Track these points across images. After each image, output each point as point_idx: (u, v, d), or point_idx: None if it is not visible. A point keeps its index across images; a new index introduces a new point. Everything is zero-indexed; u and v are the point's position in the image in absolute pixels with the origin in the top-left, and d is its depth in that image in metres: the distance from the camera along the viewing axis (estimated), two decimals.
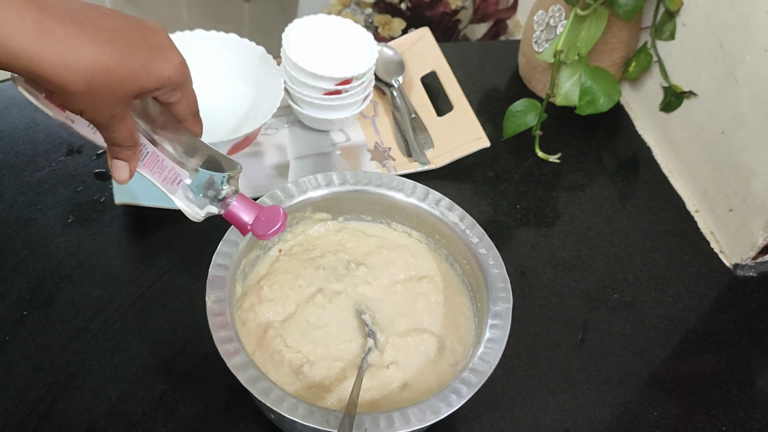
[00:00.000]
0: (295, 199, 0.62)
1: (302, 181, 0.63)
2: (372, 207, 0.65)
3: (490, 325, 0.55)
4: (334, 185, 0.63)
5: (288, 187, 0.62)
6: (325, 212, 0.65)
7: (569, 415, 0.63)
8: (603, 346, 0.69)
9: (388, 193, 0.63)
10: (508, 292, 0.57)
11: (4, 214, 0.70)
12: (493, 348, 0.53)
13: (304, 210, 0.64)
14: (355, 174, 0.64)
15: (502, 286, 0.57)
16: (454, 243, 0.62)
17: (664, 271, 0.76)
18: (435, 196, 0.63)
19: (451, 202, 0.63)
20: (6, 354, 0.60)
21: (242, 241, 0.58)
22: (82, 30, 0.40)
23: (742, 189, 0.76)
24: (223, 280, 0.55)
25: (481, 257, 0.59)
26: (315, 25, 0.82)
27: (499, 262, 0.59)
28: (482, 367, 0.52)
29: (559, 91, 0.82)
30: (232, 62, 0.80)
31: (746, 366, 0.70)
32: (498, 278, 0.58)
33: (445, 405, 0.50)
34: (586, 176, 0.85)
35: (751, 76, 0.73)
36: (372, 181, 0.64)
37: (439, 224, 0.62)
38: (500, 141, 0.86)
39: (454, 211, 0.62)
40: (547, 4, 0.86)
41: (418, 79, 0.89)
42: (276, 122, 0.83)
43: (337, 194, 0.63)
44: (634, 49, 0.90)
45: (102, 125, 0.45)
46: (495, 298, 0.56)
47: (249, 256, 0.61)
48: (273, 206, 0.50)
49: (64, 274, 0.66)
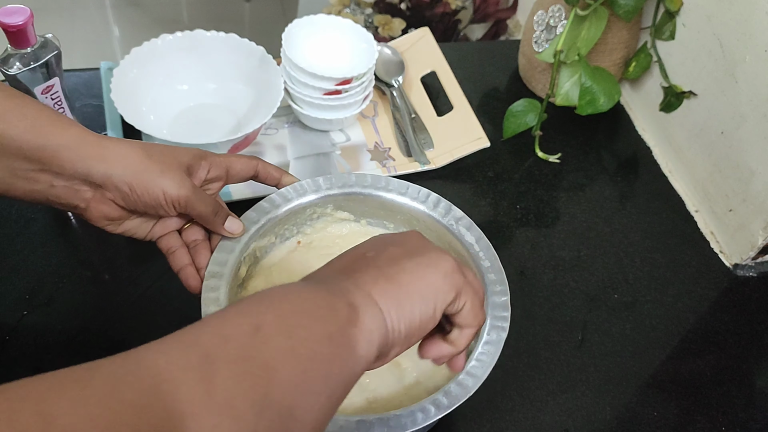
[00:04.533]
0: (307, 197, 0.62)
1: (310, 181, 0.62)
2: (394, 215, 0.65)
3: (479, 352, 0.54)
4: (354, 186, 0.63)
5: (303, 185, 0.62)
6: (347, 212, 0.65)
7: (569, 415, 0.63)
8: (603, 346, 0.69)
9: (410, 203, 0.63)
10: (506, 321, 0.55)
11: (5, 213, 0.70)
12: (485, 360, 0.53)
13: (325, 206, 0.63)
14: (378, 179, 0.63)
15: (503, 315, 0.56)
16: (466, 263, 0.61)
17: (664, 271, 0.76)
18: (456, 214, 0.62)
19: (471, 222, 0.61)
20: (6, 354, 0.60)
21: (253, 227, 0.58)
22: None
23: (742, 189, 0.76)
24: (225, 257, 0.55)
25: (488, 284, 0.58)
26: (315, 25, 0.82)
27: (505, 290, 0.57)
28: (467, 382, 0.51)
29: (559, 91, 0.82)
30: (232, 62, 0.80)
31: (746, 366, 0.70)
32: (500, 306, 0.57)
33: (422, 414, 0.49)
34: (586, 176, 0.85)
35: (751, 76, 0.73)
36: (395, 188, 0.63)
37: (455, 242, 0.61)
38: (500, 141, 0.86)
39: (472, 231, 0.61)
40: (547, 4, 0.86)
41: (418, 79, 0.89)
42: (276, 122, 0.83)
43: (357, 195, 0.63)
44: (634, 49, 0.90)
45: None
46: (492, 326, 0.55)
47: (261, 241, 0.60)
48: None
49: (64, 274, 0.66)
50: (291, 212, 0.61)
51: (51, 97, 0.67)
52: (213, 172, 0.56)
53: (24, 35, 0.62)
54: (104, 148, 0.50)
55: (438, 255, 0.43)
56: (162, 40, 0.78)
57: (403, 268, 0.41)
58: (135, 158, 0.50)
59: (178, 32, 0.78)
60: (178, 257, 0.56)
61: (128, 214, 0.54)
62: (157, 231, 0.57)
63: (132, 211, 0.53)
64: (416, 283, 0.41)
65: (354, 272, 0.41)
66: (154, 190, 0.51)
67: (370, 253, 0.43)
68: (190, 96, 0.81)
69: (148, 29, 2.07)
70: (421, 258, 0.43)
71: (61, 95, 0.68)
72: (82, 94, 0.82)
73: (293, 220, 0.62)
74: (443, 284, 0.42)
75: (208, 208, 0.54)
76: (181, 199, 0.52)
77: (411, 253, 0.43)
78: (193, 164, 0.54)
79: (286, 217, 0.61)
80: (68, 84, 0.72)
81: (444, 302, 0.42)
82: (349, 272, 0.41)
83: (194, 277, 0.55)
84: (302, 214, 0.63)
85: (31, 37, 0.63)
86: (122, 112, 0.70)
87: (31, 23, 0.62)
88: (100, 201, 0.52)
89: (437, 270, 0.42)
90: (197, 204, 0.53)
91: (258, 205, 0.60)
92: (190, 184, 0.53)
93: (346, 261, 0.43)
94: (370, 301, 0.39)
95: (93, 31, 2.09)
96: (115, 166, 0.50)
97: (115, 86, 0.72)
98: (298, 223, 0.63)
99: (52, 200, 0.51)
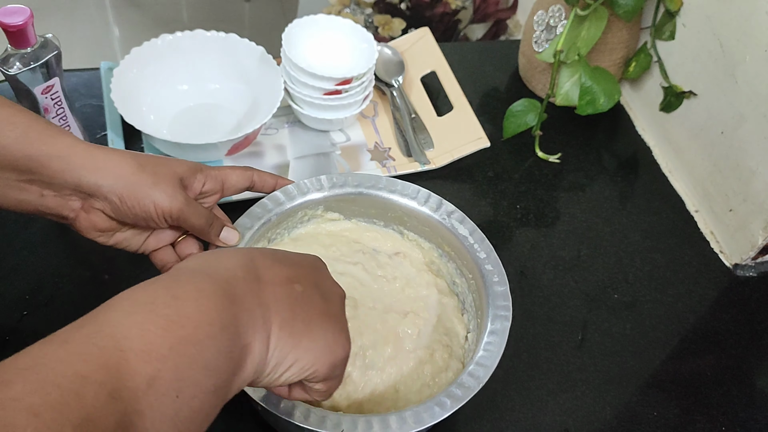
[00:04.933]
0: (296, 201, 0.62)
1: (306, 181, 0.63)
2: (385, 213, 0.65)
3: (486, 342, 0.54)
4: (345, 186, 0.63)
5: (289, 189, 0.62)
6: (338, 212, 0.65)
7: (569, 415, 0.63)
8: (603, 346, 0.69)
9: (402, 200, 0.63)
10: (508, 310, 0.56)
11: (4, 214, 0.70)
12: (487, 361, 0.53)
13: (316, 208, 0.64)
14: (369, 178, 0.64)
15: (504, 304, 0.56)
16: (462, 256, 0.62)
17: (664, 271, 0.76)
18: (448, 208, 0.62)
19: (463, 215, 0.62)
20: (6, 354, 0.60)
21: (248, 233, 0.58)
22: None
23: (742, 189, 0.76)
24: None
25: (486, 274, 0.59)
26: (315, 25, 0.82)
27: (504, 280, 0.58)
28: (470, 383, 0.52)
29: (559, 91, 0.82)
30: (232, 62, 0.80)
31: (746, 366, 0.70)
32: (500, 296, 0.57)
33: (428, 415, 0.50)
34: (586, 176, 0.85)
35: (751, 76, 0.73)
36: (386, 186, 0.63)
37: (449, 235, 0.62)
38: (500, 141, 0.86)
39: (465, 224, 0.62)
40: (547, 4, 0.86)
41: (418, 79, 0.89)
42: (276, 122, 0.83)
43: (348, 196, 0.63)
44: (634, 49, 0.90)
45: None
46: (494, 315, 0.56)
47: (255, 246, 0.61)
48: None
49: (64, 274, 0.66)
50: (283, 215, 0.61)
51: (51, 97, 0.67)
52: (208, 185, 0.55)
53: (24, 35, 0.62)
54: (95, 158, 0.49)
55: (344, 340, 0.43)
56: (162, 40, 0.78)
57: (310, 330, 0.41)
58: (127, 169, 0.50)
59: (178, 32, 0.78)
60: None
61: (119, 226, 0.53)
62: (150, 244, 0.56)
63: (122, 223, 0.53)
64: (308, 353, 0.41)
65: (273, 302, 0.40)
66: (145, 202, 0.50)
67: (299, 287, 0.42)
68: (190, 96, 0.81)
69: (148, 29, 2.07)
70: (329, 333, 0.42)
71: (61, 95, 0.68)
72: (82, 94, 0.82)
73: (284, 224, 0.63)
74: (325, 367, 0.42)
75: (201, 220, 0.53)
76: (174, 211, 0.51)
77: (327, 317, 0.43)
78: (187, 177, 0.54)
79: (277, 220, 0.61)
80: (68, 84, 0.72)
81: (314, 377, 0.42)
82: (269, 299, 0.40)
83: None
84: (293, 217, 0.63)
85: (31, 37, 0.63)
86: (122, 112, 0.70)
87: (31, 23, 0.62)
88: (89, 211, 0.51)
89: (331, 354, 0.42)
90: (191, 216, 0.52)
91: (250, 211, 0.60)
92: (183, 196, 0.52)
93: (277, 278, 0.42)
94: (263, 347, 0.39)
95: (93, 31, 2.09)
96: (106, 176, 0.49)
97: (115, 86, 0.72)
98: (289, 226, 0.64)
99: (43, 211, 0.51)
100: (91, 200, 0.50)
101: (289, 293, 0.41)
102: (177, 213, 0.51)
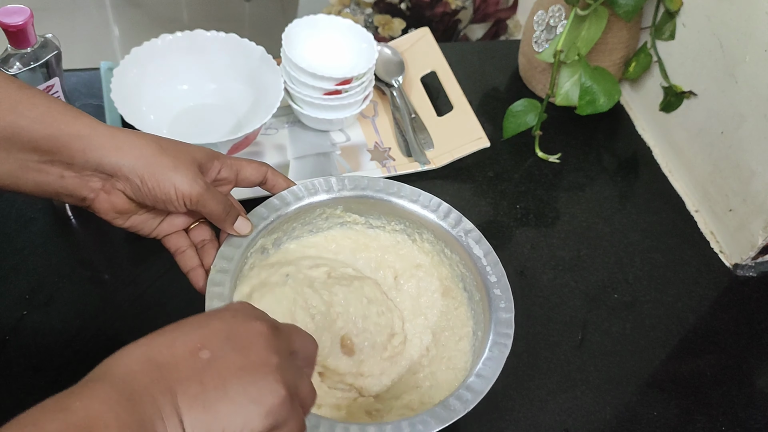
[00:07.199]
0: (304, 201, 0.62)
1: (322, 181, 0.62)
2: (404, 220, 0.64)
3: (480, 366, 0.54)
4: (366, 190, 0.63)
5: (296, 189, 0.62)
6: (357, 214, 0.65)
7: (569, 415, 0.63)
8: (603, 346, 0.69)
9: (421, 211, 0.63)
10: (509, 338, 0.55)
11: (5, 213, 0.70)
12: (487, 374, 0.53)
13: (336, 207, 0.63)
14: (390, 184, 0.63)
15: (506, 332, 0.56)
16: (474, 275, 0.61)
17: (664, 271, 0.76)
18: (467, 226, 0.61)
19: (480, 235, 0.61)
20: (6, 354, 0.60)
21: (261, 223, 0.58)
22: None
23: (742, 189, 0.76)
24: (232, 252, 0.55)
25: (493, 298, 0.57)
26: (315, 25, 0.82)
27: (510, 307, 0.57)
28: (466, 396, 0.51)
29: (559, 91, 0.82)
30: (232, 62, 0.80)
31: (746, 366, 0.70)
32: (504, 323, 0.56)
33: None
34: (586, 176, 0.85)
35: (751, 76, 0.73)
36: (407, 194, 0.63)
37: (464, 254, 0.61)
38: (500, 141, 0.86)
39: (481, 245, 0.60)
40: (547, 4, 0.86)
41: (418, 79, 0.89)
42: (276, 122, 0.83)
43: (369, 199, 0.63)
44: (634, 49, 0.90)
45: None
46: (494, 342, 0.55)
47: (269, 237, 0.60)
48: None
49: (64, 274, 0.66)
50: (300, 210, 0.61)
51: None
52: (223, 173, 0.56)
53: (24, 35, 0.62)
54: (116, 139, 0.49)
55: (270, 384, 0.39)
56: (162, 40, 0.77)
57: (226, 393, 0.38)
58: (148, 150, 0.50)
59: (178, 32, 0.78)
60: (187, 258, 0.56)
61: (137, 208, 0.53)
62: (163, 228, 0.56)
63: (141, 205, 0.53)
64: (233, 416, 0.37)
65: (177, 383, 0.37)
66: (166, 185, 0.50)
67: (205, 354, 0.39)
68: (190, 96, 0.81)
69: (148, 29, 2.07)
70: (251, 386, 0.39)
71: (61, 95, 0.68)
72: (82, 94, 0.82)
73: (302, 218, 0.62)
74: (259, 420, 0.38)
75: (220, 206, 0.53)
76: (194, 195, 0.51)
77: (244, 369, 0.39)
78: (205, 163, 0.54)
79: (295, 215, 0.61)
80: (68, 84, 0.72)
81: None
82: (173, 382, 0.37)
83: (204, 279, 0.55)
84: (312, 213, 0.63)
85: (31, 37, 0.63)
86: (122, 112, 0.70)
87: (31, 23, 0.62)
88: (109, 192, 0.51)
89: (260, 405, 0.38)
90: (209, 202, 0.52)
91: (268, 202, 0.60)
92: (203, 181, 0.52)
93: (179, 355, 0.39)
94: None
95: (93, 31, 2.08)
96: (128, 156, 0.49)
97: (115, 86, 0.72)
98: (306, 221, 0.63)
99: (62, 192, 0.50)
100: (113, 180, 0.50)
101: (193, 366, 0.38)
102: (197, 197, 0.51)
